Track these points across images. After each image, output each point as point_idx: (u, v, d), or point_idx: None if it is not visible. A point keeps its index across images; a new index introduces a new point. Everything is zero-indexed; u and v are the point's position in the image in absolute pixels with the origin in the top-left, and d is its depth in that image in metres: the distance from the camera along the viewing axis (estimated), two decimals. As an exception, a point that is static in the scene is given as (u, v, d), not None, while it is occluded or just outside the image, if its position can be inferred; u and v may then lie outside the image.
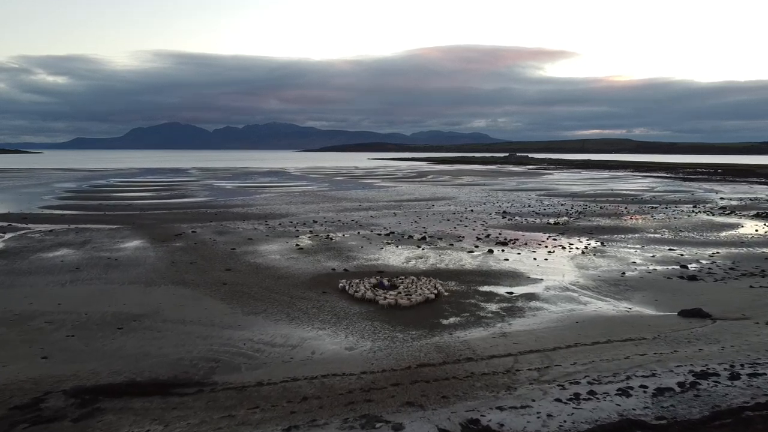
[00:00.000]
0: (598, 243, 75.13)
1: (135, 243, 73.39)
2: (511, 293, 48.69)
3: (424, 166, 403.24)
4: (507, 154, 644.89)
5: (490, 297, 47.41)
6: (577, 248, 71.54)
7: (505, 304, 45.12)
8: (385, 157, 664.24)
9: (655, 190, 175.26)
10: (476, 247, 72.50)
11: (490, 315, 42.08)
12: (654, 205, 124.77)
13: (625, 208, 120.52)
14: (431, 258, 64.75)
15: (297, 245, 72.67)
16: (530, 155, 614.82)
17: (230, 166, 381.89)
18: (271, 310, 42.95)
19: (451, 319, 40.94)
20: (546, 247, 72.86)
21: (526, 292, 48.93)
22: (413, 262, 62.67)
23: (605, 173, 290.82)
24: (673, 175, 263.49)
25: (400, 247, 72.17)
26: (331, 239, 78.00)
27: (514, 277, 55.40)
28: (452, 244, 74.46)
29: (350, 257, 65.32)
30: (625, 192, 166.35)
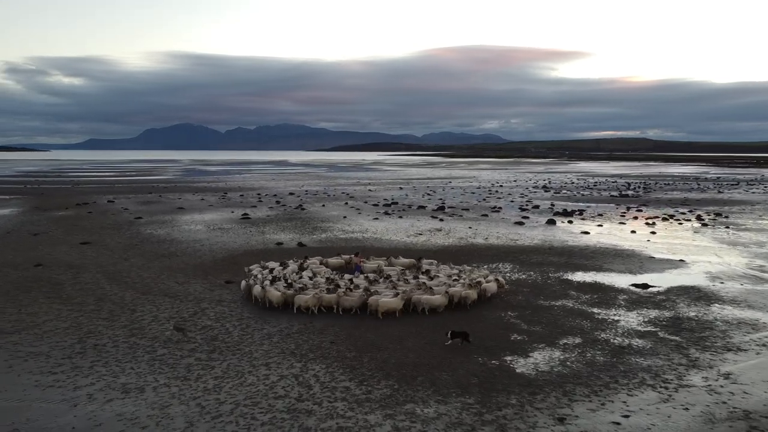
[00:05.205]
0: (713, 215, 48.48)
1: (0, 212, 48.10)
2: (645, 285, 22.13)
3: (436, 159, 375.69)
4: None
5: (606, 295, 20.81)
6: (688, 220, 44.97)
7: (653, 312, 18.45)
8: (395, 153, 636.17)
9: (711, 173, 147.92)
10: (525, 218, 45.95)
11: (638, 343, 15.38)
12: (732, 183, 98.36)
13: (698, 184, 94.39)
14: (457, 231, 38.27)
15: (244, 215, 46.66)
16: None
17: (230, 158, 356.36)
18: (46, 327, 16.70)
19: (537, 356, 14.30)
20: (635, 218, 46.26)
21: (679, 285, 22.24)
22: (426, 236, 36.27)
23: (636, 163, 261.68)
24: (714, 165, 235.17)
25: (405, 218, 45.87)
26: (303, 209, 52.04)
27: (623, 257, 28.75)
28: (486, 215, 47.98)
29: (319, 228, 39.13)
30: (679, 174, 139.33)
